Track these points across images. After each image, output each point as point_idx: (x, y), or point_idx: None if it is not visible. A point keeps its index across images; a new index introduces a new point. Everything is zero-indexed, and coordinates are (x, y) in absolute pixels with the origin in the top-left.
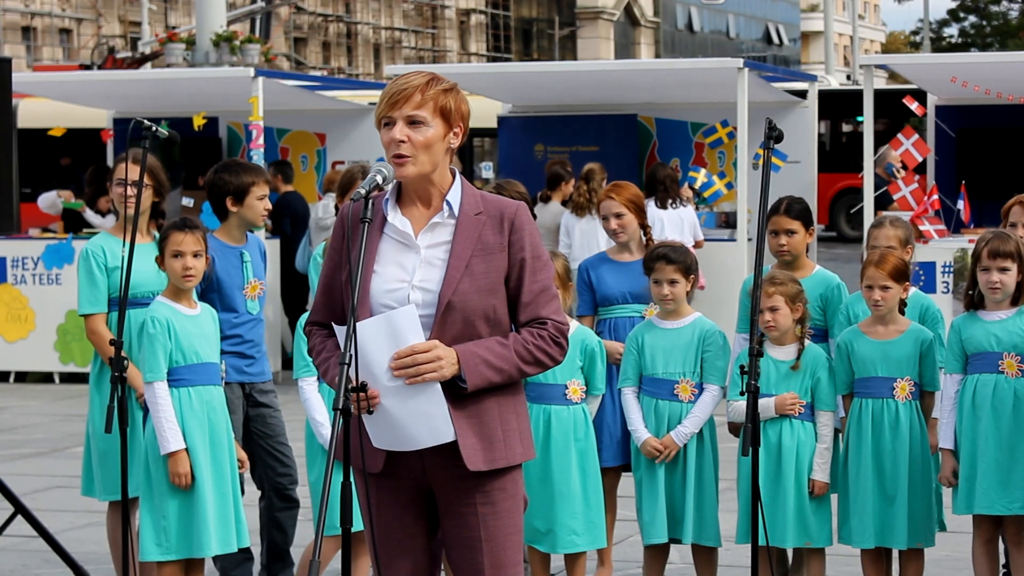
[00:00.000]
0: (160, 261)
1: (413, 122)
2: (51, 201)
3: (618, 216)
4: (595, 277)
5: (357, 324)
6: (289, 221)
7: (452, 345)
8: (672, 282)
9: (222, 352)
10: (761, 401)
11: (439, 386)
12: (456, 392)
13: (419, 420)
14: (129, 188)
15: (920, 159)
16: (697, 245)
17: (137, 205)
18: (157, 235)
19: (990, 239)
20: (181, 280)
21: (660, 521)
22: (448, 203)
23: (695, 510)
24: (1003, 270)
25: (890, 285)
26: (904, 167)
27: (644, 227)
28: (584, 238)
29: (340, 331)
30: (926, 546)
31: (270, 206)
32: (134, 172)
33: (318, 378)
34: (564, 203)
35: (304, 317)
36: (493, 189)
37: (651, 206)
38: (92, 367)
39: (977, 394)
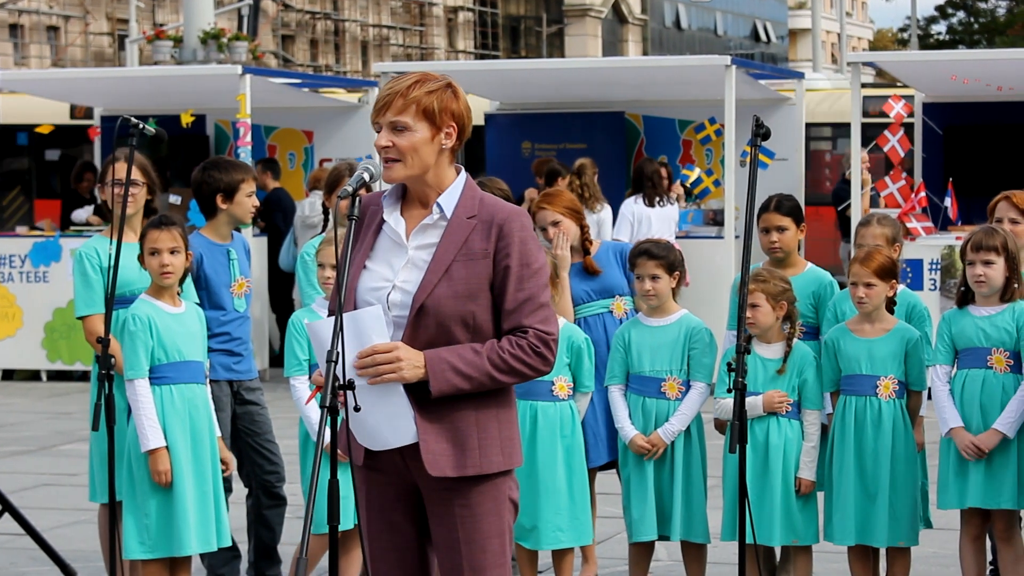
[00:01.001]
0: (142, 260)
1: (396, 128)
2: (83, 220)
3: (555, 224)
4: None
5: (317, 323)
6: (281, 216)
7: (426, 349)
8: (654, 277)
9: (210, 350)
10: (749, 399)
11: (401, 387)
12: (426, 397)
13: (383, 420)
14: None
15: (903, 153)
16: None
17: (124, 205)
18: None
19: (976, 233)
20: (160, 277)
21: (649, 518)
22: (439, 205)
23: (683, 507)
24: (987, 263)
25: (874, 282)
26: (871, 170)
27: (583, 227)
28: None
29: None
30: (908, 544)
31: (258, 203)
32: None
33: (308, 375)
34: None
35: (295, 315)
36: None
37: (639, 204)
38: (93, 368)
39: (966, 389)
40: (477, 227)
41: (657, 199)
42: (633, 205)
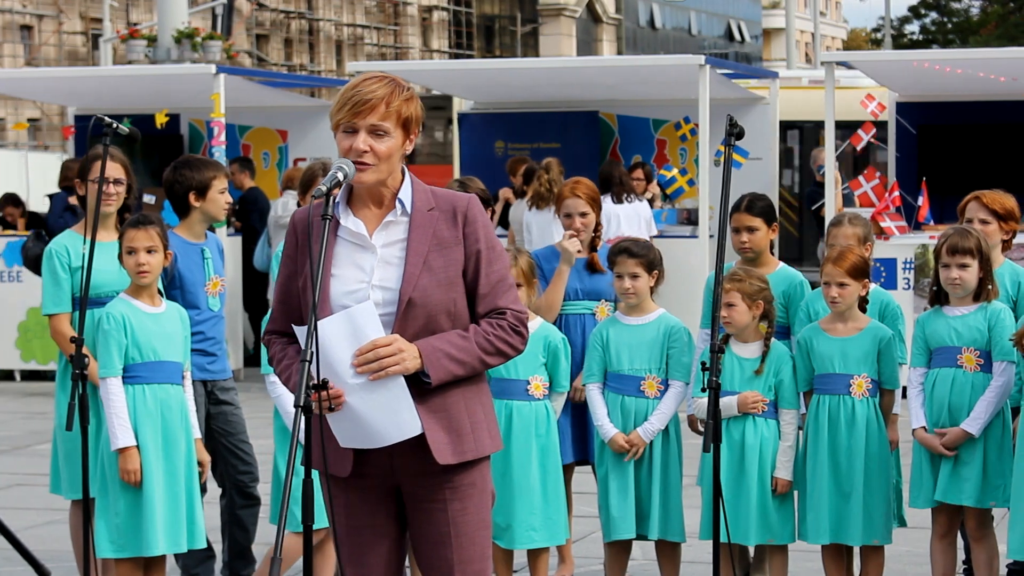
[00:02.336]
0: (122, 259)
1: (377, 132)
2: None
3: (583, 215)
4: (548, 270)
5: (317, 324)
6: (257, 216)
7: (414, 341)
8: (634, 276)
9: None
10: (725, 399)
11: (403, 380)
12: (421, 387)
13: (385, 416)
14: (113, 185)
15: (865, 137)
16: None
17: (97, 204)
18: None
19: (951, 236)
20: (136, 276)
21: (629, 517)
22: (400, 201)
23: (661, 506)
24: (963, 267)
25: (847, 282)
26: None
27: (597, 225)
28: (542, 232)
29: (300, 331)
30: (882, 543)
31: (231, 200)
32: (116, 170)
33: None
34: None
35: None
36: (458, 184)
37: (607, 201)
38: (58, 366)
39: (936, 388)
40: (440, 217)
41: (625, 196)
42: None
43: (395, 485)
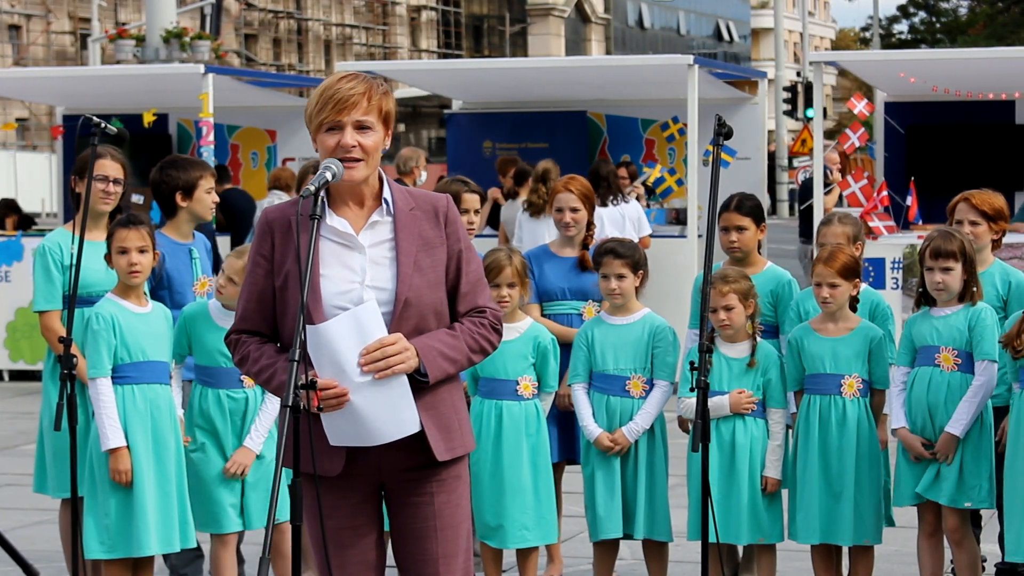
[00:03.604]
0: (109, 259)
1: (362, 127)
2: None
3: (574, 211)
4: (536, 270)
5: (323, 326)
6: (234, 218)
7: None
8: (620, 276)
9: None
10: (715, 399)
11: (406, 378)
12: (415, 385)
13: (387, 414)
14: (112, 185)
15: (859, 145)
16: (643, 243)
17: (86, 202)
18: None
19: (934, 239)
20: (128, 276)
21: (615, 516)
22: (386, 201)
23: (647, 505)
24: (946, 270)
25: (838, 282)
26: (842, 171)
27: (589, 224)
28: (533, 237)
29: (311, 330)
30: (872, 543)
31: (217, 199)
32: (116, 170)
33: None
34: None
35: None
36: (461, 184)
37: None
38: (46, 364)
39: (914, 387)
40: (422, 217)
41: (611, 198)
42: None
43: (379, 483)
